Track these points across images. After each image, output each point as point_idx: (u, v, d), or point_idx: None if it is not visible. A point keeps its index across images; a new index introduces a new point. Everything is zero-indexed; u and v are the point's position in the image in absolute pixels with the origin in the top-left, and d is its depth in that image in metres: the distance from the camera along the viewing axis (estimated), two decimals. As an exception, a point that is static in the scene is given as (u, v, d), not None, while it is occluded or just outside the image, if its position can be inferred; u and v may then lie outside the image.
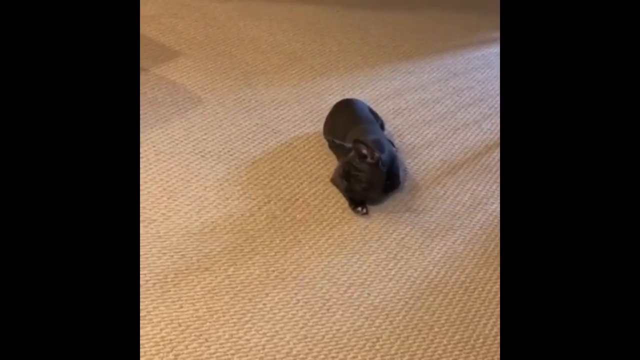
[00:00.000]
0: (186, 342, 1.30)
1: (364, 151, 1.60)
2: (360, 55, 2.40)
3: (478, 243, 1.70)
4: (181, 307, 1.36)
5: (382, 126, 1.91)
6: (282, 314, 1.40)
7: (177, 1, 2.51)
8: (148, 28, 2.27)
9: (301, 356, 1.33)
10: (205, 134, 1.85)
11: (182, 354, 1.28)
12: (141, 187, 1.62)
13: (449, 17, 2.83)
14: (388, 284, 1.52)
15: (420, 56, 2.49)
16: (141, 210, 1.55)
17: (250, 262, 1.49)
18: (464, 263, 1.63)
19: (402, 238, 1.66)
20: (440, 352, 1.41)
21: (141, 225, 1.51)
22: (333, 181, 1.73)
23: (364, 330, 1.41)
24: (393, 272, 1.55)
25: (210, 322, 1.34)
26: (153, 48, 2.18)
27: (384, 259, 1.58)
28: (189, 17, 2.40)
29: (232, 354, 1.30)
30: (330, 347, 1.36)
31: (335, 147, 1.80)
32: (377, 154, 1.61)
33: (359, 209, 1.66)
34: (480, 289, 1.58)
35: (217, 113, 1.93)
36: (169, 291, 1.38)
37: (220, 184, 1.69)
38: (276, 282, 1.46)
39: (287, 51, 2.32)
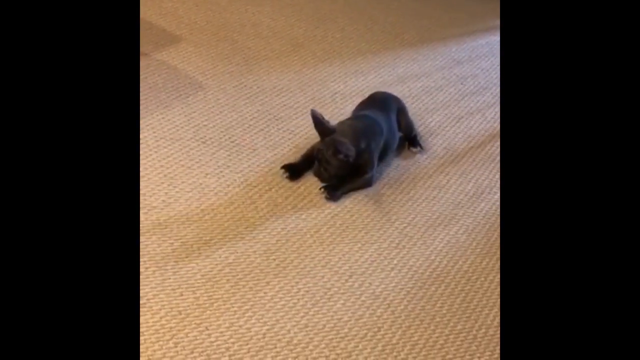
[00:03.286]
0: (186, 330, 1.29)
1: (339, 148, 1.62)
2: (364, 42, 2.38)
3: (481, 232, 1.68)
4: (181, 294, 1.35)
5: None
6: (282, 302, 1.39)
7: (178, -15, 2.48)
8: (149, 12, 2.24)
9: (302, 345, 1.32)
10: (206, 120, 1.83)
11: (182, 342, 1.27)
12: (141, 174, 1.61)
13: (453, 5, 2.80)
14: (390, 273, 1.51)
15: (424, 43, 2.47)
16: (141, 197, 1.54)
17: (251, 250, 1.48)
18: (466, 252, 1.62)
19: (404, 227, 1.64)
20: (442, 341, 1.40)
21: (141, 212, 1.50)
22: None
23: (365, 319, 1.40)
24: (395, 262, 1.54)
25: (210, 310, 1.33)
26: (154, 32, 2.15)
27: (386, 248, 1.57)
28: (190, 1, 2.37)
29: (233, 342, 1.29)
30: (331, 336, 1.35)
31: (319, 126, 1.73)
32: (349, 153, 1.63)
33: (321, 190, 1.65)
34: (483, 279, 1.56)
35: (218, 99, 1.91)
36: (169, 279, 1.37)
37: (222, 171, 1.68)
38: (277, 271, 1.45)
39: (289, 37, 2.29)
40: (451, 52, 2.44)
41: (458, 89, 2.24)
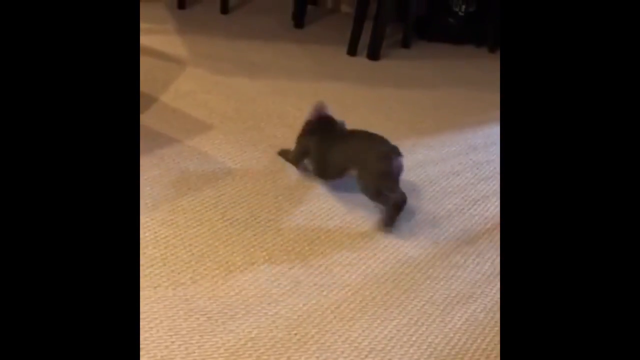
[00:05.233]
0: (209, 402, 1.32)
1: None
2: (384, 130, 2.49)
3: (499, 311, 1.71)
4: (206, 368, 1.39)
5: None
6: (303, 376, 1.42)
7: (210, 79, 2.68)
8: (182, 103, 2.42)
9: (322, 419, 1.34)
10: (234, 202, 1.93)
11: (206, 413, 1.30)
12: (170, 252, 1.70)
13: (468, 94, 2.94)
14: (409, 349, 1.54)
15: (441, 131, 2.59)
16: (170, 274, 1.62)
17: (273, 325, 1.53)
18: (485, 331, 1.64)
19: (423, 305, 1.68)
20: (461, 419, 1.41)
21: (169, 288, 1.58)
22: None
23: (384, 395, 1.42)
24: (414, 338, 1.57)
25: (233, 383, 1.37)
26: (187, 122, 2.31)
27: (405, 325, 1.60)
28: (221, 94, 2.55)
29: (254, 415, 1.32)
30: (351, 412, 1.37)
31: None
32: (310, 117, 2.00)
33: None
34: (502, 357, 1.58)
35: (245, 183, 2.03)
36: (194, 352, 1.42)
37: (247, 250, 1.76)
38: (298, 346, 1.49)
39: (313, 126, 2.42)
40: (467, 139, 2.55)
41: (474, 173, 2.33)
